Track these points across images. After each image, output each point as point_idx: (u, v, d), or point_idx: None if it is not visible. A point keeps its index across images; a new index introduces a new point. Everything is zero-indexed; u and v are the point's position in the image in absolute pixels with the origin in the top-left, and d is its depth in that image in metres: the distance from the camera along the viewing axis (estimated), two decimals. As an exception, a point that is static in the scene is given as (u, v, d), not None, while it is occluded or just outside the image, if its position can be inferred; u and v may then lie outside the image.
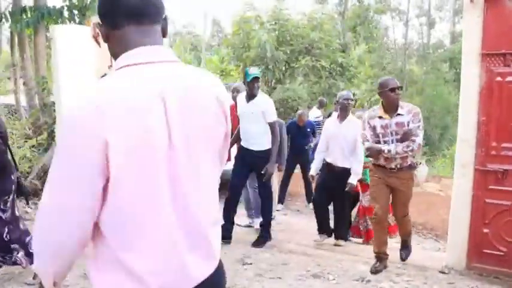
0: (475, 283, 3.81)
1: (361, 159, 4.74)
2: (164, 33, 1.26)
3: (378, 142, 3.95)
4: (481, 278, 3.93)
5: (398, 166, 3.97)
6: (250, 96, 4.61)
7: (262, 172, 4.67)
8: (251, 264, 4.22)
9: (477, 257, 4.02)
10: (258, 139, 4.67)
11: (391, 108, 3.91)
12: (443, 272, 4.08)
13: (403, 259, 4.34)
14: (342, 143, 4.82)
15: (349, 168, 4.80)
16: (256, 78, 4.57)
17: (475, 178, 3.97)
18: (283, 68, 13.27)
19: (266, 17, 13.17)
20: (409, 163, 4.00)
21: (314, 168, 5.23)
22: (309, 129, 7.34)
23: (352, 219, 5.53)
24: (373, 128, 3.97)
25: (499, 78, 3.79)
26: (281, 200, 7.33)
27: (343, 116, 4.88)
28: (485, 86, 3.84)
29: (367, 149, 4.04)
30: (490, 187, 3.93)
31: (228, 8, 31.74)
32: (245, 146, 4.79)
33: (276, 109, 11.16)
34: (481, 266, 4.00)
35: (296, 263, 4.25)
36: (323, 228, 5.13)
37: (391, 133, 3.90)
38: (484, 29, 3.81)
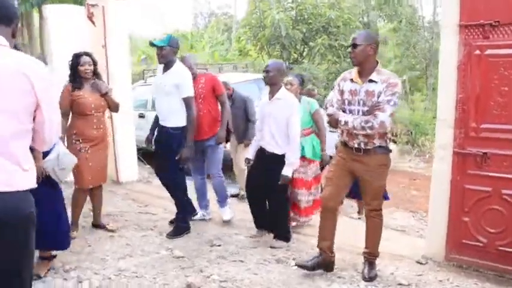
0: (448, 276, 3.53)
1: (295, 146, 3.96)
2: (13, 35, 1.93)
3: (344, 110, 3.33)
4: (458, 270, 3.64)
5: (362, 147, 3.30)
6: (164, 67, 4.18)
7: (176, 158, 4.11)
8: (219, 246, 4.12)
9: (456, 248, 3.72)
10: (171, 115, 4.16)
11: (362, 71, 3.24)
12: (420, 263, 3.82)
13: (365, 279, 3.46)
14: (271, 124, 4.00)
15: (282, 155, 3.99)
16: (159, 48, 4.05)
17: (453, 162, 3.66)
18: (301, 48, 12.93)
19: (284, -5, 12.83)
20: (377, 144, 3.27)
21: (250, 152, 4.37)
22: None
23: None
24: (342, 92, 3.34)
25: (477, 52, 3.43)
26: None
27: (271, 92, 4.03)
28: (464, 60, 3.48)
29: (328, 115, 3.44)
30: (469, 172, 3.59)
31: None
32: (161, 124, 4.29)
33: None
34: (460, 257, 3.70)
35: (264, 247, 4.11)
36: (260, 223, 4.38)
37: (358, 102, 3.24)
38: (462, -3, 3.45)
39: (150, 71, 9.87)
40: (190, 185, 4.76)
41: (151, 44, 4.15)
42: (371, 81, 3.18)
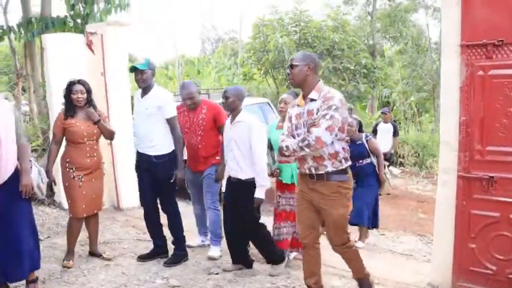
0: (456, 305, 3.37)
1: (261, 168, 3.78)
2: None
3: (294, 136, 3.18)
4: (467, 299, 3.48)
5: (313, 172, 3.09)
6: (142, 91, 4.10)
7: (172, 180, 4.04)
8: (217, 274, 3.99)
9: (463, 276, 3.55)
10: (155, 141, 4.04)
11: (304, 92, 3.13)
12: (426, 291, 3.66)
13: None
14: (234, 148, 3.87)
15: (247, 180, 3.83)
16: (137, 71, 3.98)
17: (458, 186, 3.53)
18: (305, 71, 12.89)
19: (287, 19, 12.87)
20: (328, 169, 3.04)
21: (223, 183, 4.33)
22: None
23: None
24: (290, 118, 3.23)
25: (481, 72, 3.34)
26: None
27: (232, 117, 3.93)
28: (466, 81, 3.39)
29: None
30: (476, 196, 3.46)
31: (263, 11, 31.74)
32: (140, 151, 4.20)
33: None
34: (468, 285, 3.53)
35: (265, 275, 3.96)
36: (236, 259, 4.13)
37: (304, 124, 3.09)
38: (462, 17, 3.37)
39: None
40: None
41: (133, 68, 4.05)
42: (312, 100, 3.07)
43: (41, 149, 6.49)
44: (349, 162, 3.15)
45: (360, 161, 5.37)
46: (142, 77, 4.03)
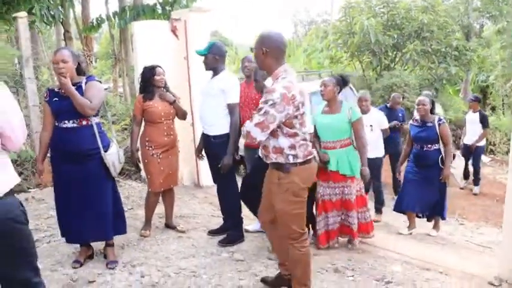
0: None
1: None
2: None
3: None
4: (537, 296, 3.30)
5: (264, 159, 2.97)
6: (213, 74, 4.22)
7: (219, 165, 4.07)
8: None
9: (535, 270, 3.37)
10: (214, 121, 4.15)
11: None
12: (492, 284, 3.51)
13: None
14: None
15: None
16: (203, 56, 4.13)
17: (531, 176, 3.32)
18: (392, 54, 12.46)
19: (375, 1, 12.46)
20: (273, 160, 2.86)
21: None
22: (400, 115, 6.97)
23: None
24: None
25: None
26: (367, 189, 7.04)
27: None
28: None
29: None
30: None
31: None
32: (205, 133, 4.32)
33: (381, 96, 10.68)
34: (540, 281, 3.35)
35: (325, 257, 4.05)
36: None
37: None
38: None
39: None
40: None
41: (198, 53, 4.23)
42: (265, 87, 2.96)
43: (130, 127, 7.06)
44: (300, 160, 2.83)
45: (428, 146, 5.01)
46: (205, 61, 4.21)
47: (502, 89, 15.49)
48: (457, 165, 5.39)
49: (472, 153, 7.82)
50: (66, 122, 3.43)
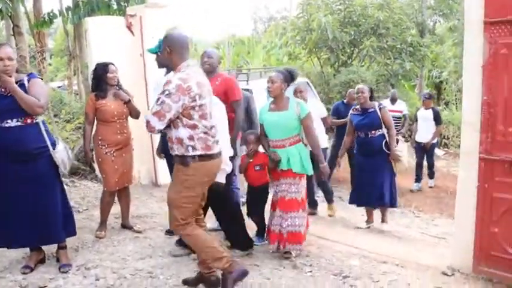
0: (473, 290, 3.32)
1: None
2: None
3: None
4: (487, 284, 3.41)
5: (170, 151, 3.08)
6: (166, 70, 4.09)
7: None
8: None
9: (485, 260, 3.48)
10: None
11: None
12: (445, 274, 3.61)
13: None
14: None
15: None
16: (155, 54, 4.03)
17: (480, 168, 3.43)
18: (349, 51, 12.66)
19: (332, -2, 12.64)
20: (176, 152, 2.95)
21: None
22: None
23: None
24: None
25: (504, 51, 3.20)
26: None
27: None
28: (489, 60, 3.27)
29: None
30: (497, 179, 3.36)
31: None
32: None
33: (338, 92, 10.82)
34: (490, 270, 3.45)
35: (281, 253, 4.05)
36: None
37: None
38: (486, -8, 3.24)
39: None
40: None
41: (149, 51, 4.14)
42: None
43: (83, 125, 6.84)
44: (198, 152, 2.89)
45: (372, 132, 5.01)
46: (158, 58, 4.10)
47: (455, 84, 16.06)
48: (402, 149, 5.38)
49: (426, 151, 7.92)
50: (9, 121, 3.28)
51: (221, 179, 3.50)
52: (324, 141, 5.65)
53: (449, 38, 14.55)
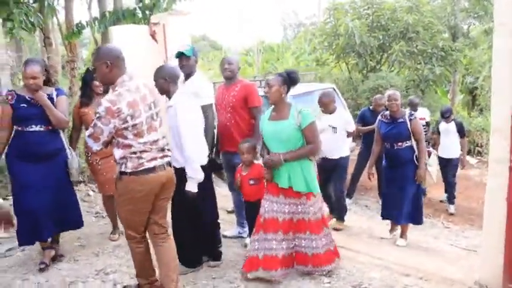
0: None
1: (187, 155, 3.32)
2: None
3: None
4: (518, 302, 3.21)
5: None
6: (186, 76, 4.10)
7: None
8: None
9: (515, 276, 3.29)
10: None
11: None
12: (472, 290, 3.44)
13: None
14: (169, 136, 3.43)
15: (180, 169, 3.39)
16: (181, 56, 4.03)
17: (510, 178, 3.24)
18: (378, 56, 12.43)
19: (360, 2, 12.45)
20: (119, 169, 2.94)
21: None
22: None
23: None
24: None
25: (536, 54, 3.03)
26: (350, 194, 6.93)
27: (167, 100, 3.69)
28: (520, 63, 3.10)
29: None
30: (529, 189, 3.17)
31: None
32: None
33: (367, 98, 10.62)
34: (522, 286, 3.26)
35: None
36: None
37: None
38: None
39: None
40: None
41: (179, 54, 4.09)
42: None
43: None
44: (129, 170, 2.85)
45: (399, 144, 4.66)
46: (188, 63, 4.09)
47: (490, 90, 15.48)
48: (433, 163, 5.06)
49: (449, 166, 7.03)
50: (33, 126, 3.59)
51: (192, 187, 3.37)
52: (345, 149, 5.34)
53: (484, 42, 14.05)
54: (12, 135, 3.62)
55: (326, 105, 5.10)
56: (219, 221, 4.01)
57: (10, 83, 5.35)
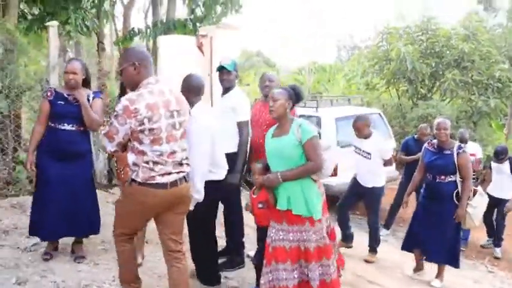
0: None
1: (194, 172, 3.15)
2: None
3: None
4: None
5: None
6: (224, 90, 4.17)
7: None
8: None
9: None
10: (223, 139, 3.70)
11: None
12: None
13: None
14: None
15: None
16: (222, 70, 4.07)
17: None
18: (429, 83, 12.02)
19: (414, 27, 12.15)
20: (131, 177, 2.85)
21: None
22: None
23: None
24: None
25: None
26: (387, 225, 6.66)
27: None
28: None
29: None
30: None
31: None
32: None
33: (414, 127, 10.28)
34: None
35: None
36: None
37: None
38: None
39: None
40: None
41: (221, 68, 4.11)
42: None
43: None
44: (139, 179, 2.76)
45: (442, 177, 4.37)
46: (229, 78, 4.11)
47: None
48: (477, 204, 4.47)
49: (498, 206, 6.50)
50: (65, 124, 3.69)
51: (191, 207, 3.24)
52: (381, 178, 5.08)
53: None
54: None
55: (359, 129, 4.94)
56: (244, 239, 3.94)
57: (59, 84, 5.52)
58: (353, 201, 5.15)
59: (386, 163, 5.12)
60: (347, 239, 5.17)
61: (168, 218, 2.94)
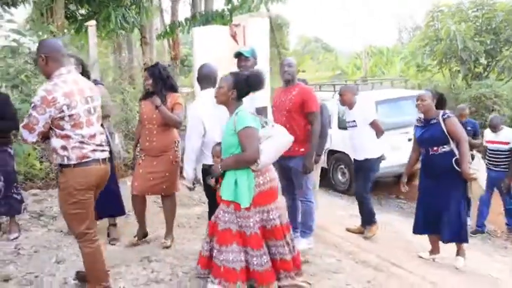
0: None
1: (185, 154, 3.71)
2: None
3: None
4: None
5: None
6: None
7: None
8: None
9: None
10: None
11: None
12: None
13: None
14: None
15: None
16: (240, 56, 4.10)
17: None
18: (485, 62, 11.39)
19: (468, 4, 11.52)
20: (55, 160, 3.00)
21: None
22: (469, 128, 6.22)
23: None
24: None
25: None
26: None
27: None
28: None
29: None
30: None
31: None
32: None
33: (469, 108, 9.81)
34: None
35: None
36: None
37: None
38: None
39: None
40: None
41: (238, 54, 4.13)
42: None
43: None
44: (73, 161, 2.89)
45: (434, 149, 4.18)
46: (246, 64, 4.08)
47: None
48: (477, 168, 4.20)
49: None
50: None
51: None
52: (372, 149, 4.95)
53: None
54: None
55: (343, 99, 5.08)
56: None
57: (99, 79, 5.89)
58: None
59: (378, 133, 4.97)
60: (363, 223, 5.17)
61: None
